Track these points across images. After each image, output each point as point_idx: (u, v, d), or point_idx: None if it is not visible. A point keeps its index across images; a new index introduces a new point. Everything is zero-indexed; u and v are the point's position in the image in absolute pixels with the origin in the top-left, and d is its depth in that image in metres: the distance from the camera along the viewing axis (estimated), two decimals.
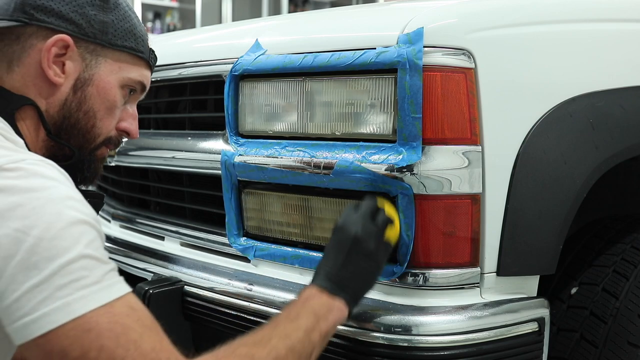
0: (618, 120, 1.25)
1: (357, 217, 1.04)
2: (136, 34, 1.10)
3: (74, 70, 1.03)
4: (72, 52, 1.02)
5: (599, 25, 1.31)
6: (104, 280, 0.83)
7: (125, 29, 1.08)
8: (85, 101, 1.05)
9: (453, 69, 1.06)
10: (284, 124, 1.24)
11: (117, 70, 1.07)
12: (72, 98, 1.04)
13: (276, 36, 1.34)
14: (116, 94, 1.08)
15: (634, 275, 1.28)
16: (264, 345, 0.88)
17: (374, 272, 1.04)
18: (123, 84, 1.09)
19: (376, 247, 1.03)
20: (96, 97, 1.06)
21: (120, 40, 1.07)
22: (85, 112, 1.05)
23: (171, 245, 1.52)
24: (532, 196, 1.12)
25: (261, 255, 1.29)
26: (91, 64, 1.05)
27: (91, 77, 1.05)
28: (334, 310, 0.98)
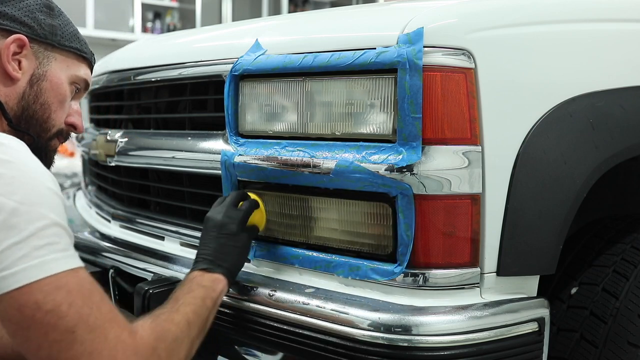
0: (618, 120, 1.25)
1: (221, 207, 1.24)
2: (79, 37, 1.27)
3: (29, 67, 1.17)
4: (27, 51, 1.16)
5: (599, 25, 1.31)
6: (70, 249, 0.96)
7: (70, 33, 1.24)
8: (40, 94, 1.18)
9: (453, 69, 1.06)
10: (284, 124, 1.24)
11: (65, 67, 1.23)
12: (29, 91, 1.17)
13: (276, 36, 1.34)
14: (66, 89, 1.23)
15: (634, 275, 1.28)
16: (176, 310, 1.07)
17: (241, 250, 1.22)
18: (71, 81, 1.24)
19: (239, 229, 1.21)
20: (50, 91, 1.20)
21: (67, 41, 1.23)
22: (42, 104, 1.19)
23: (171, 245, 1.52)
24: (532, 196, 1.12)
25: (261, 255, 1.29)
26: (44, 62, 1.19)
27: (44, 73, 1.19)
28: (217, 282, 1.16)
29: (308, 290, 1.16)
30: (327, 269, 1.18)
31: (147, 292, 1.26)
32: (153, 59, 1.58)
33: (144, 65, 1.60)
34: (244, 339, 1.24)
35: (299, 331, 1.11)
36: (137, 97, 1.71)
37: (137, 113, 1.73)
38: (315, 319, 1.09)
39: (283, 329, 1.13)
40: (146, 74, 1.58)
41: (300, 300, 1.13)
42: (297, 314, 1.12)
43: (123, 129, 1.74)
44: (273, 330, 1.15)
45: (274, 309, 1.15)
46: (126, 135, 1.65)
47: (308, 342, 1.10)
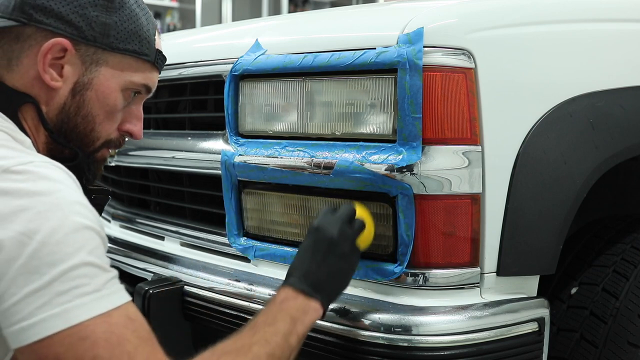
0: (618, 120, 1.25)
1: (334, 220, 1.05)
2: (141, 35, 1.05)
3: (72, 74, 1.00)
4: (71, 56, 0.99)
5: (599, 25, 1.31)
6: (104, 288, 0.83)
7: (129, 31, 1.03)
8: (83, 105, 1.02)
9: (453, 69, 1.06)
10: (284, 124, 1.24)
11: (118, 73, 1.04)
12: (71, 102, 1.02)
13: (276, 36, 1.34)
14: (117, 98, 1.05)
15: (634, 275, 1.28)
16: (245, 354, 0.90)
17: (347, 274, 1.06)
18: (125, 88, 1.05)
19: (350, 251, 1.05)
20: (95, 102, 1.03)
21: (123, 43, 1.03)
22: (84, 116, 1.03)
23: (171, 245, 1.52)
24: (532, 196, 1.12)
25: (261, 255, 1.29)
26: (91, 67, 1.01)
27: (90, 82, 1.02)
28: (310, 312, 0.99)
29: None
30: None
31: (147, 292, 1.26)
32: None
33: None
34: None
35: None
36: None
37: None
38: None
39: None
40: None
41: None
42: None
43: None
44: None
45: None
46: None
47: (308, 342, 1.09)
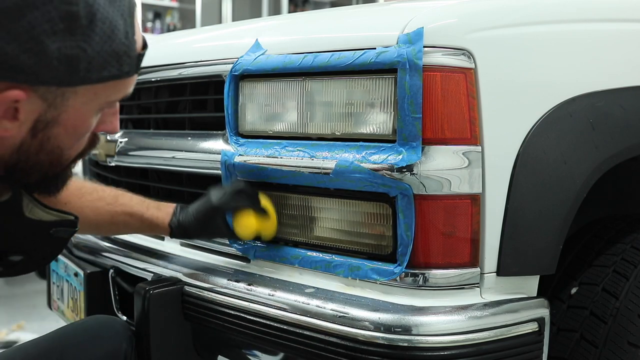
0: (618, 120, 1.25)
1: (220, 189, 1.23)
2: (120, 51, 0.82)
3: (30, 114, 0.81)
4: (27, 99, 0.79)
5: (599, 25, 1.31)
6: None
7: (104, 55, 0.80)
8: (47, 143, 0.85)
9: (453, 69, 1.06)
10: (284, 124, 1.24)
11: (92, 98, 0.84)
12: (30, 142, 0.84)
13: (276, 36, 1.34)
14: (91, 123, 0.89)
15: (634, 275, 1.28)
16: None
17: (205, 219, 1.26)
18: (101, 108, 0.88)
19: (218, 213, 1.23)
20: (63, 136, 0.86)
21: (97, 72, 0.80)
22: (49, 152, 0.87)
23: (171, 245, 1.52)
24: (532, 196, 1.12)
25: (261, 255, 1.29)
26: (56, 102, 0.81)
27: (56, 118, 0.83)
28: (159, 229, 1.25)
29: (308, 290, 1.16)
30: (327, 269, 1.18)
31: (147, 292, 1.26)
32: (153, 59, 1.58)
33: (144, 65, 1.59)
34: (244, 339, 1.24)
35: (299, 331, 1.11)
36: (137, 97, 1.71)
37: (137, 113, 1.73)
38: (315, 319, 1.09)
39: (283, 329, 1.13)
40: (146, 74, 1.58)
41: (300, 300, 1.13)
42: (297, 314, 1.12)
43: (123, 129, 1.74)
44: (273, 330, 1.14)
45: (274, 309, 1.15)
46: (126, 135, 1.65)
47: (308, 342, 1.10)
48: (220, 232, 1.30)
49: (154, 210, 1.31)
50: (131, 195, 1.33)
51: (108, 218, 1.29)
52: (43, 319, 3.13)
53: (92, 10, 0.78)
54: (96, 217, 1.27)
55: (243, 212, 1.24)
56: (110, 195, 1.31)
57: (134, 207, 1.30)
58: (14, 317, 3.29)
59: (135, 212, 1.30)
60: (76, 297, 1.59)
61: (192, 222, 1.28)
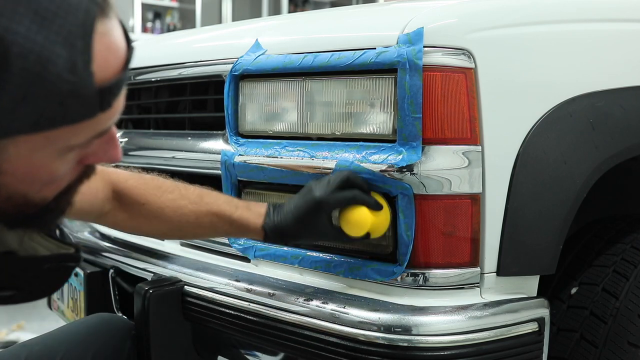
0: (618, 120, 1.25)
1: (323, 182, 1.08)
2: (61, 92, 0.62)
3: None
4: None
5: (599, 25, 1.31)
6: None
7: (33, 98, 0.61)
8: (0, 190, 0.69)
9: (453, 69, 1.06)
10: (284, 124, 1.24)
11: (43, 144, 0.66)
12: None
13: (276, 36, 1.34)
14: (56, 168, 0.71)
15: (634, 275, 1.28)
16: None
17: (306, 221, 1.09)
18: (64, 152, 0.69)
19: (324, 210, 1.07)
20: (17, 184, 0.69)
21: (28, 122, 0.63)
22: (7, 198, 0.71)
23: (171, 245, 1.52)
24: (532, 196, 1.12)
25: (261, 255, 1.29)
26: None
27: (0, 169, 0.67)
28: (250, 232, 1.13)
29: (308, 290, 1.16)
30: (327, 269, 1.18)
31: (147, 292, 1.26)
32: (153, 59, 1.58)
33: (143, 65, 1.60)
34: (244, 339, 1.24)
35: (299, 331, 1.11)
36: (137, 97, 1.71)
37: (137, 113, 1.73)
38: (315, 319, 1.09)
39: (283, 329, 1.13)
40: (146, 74, 1.58)
41: (300, 300, 1.13)
42: (297, 314, 1.12)
43: (123, 129, 1.74)
44: (273, 330, 1.14)
45: (274, 309, 1.15)
46: (126, 135, 1.65)
47: (308, 342, 1.10)
48: (325, 232, 1.11)
49: (243, 211, 1.14)
50: (217, 194, 1.19)
51: (193, 219, 1.14)
52: (43, 319, 3.13)
53: (3, 44, 0.58)
54: (179, 218, 1.14)
55: (351, 206, 1.07)
56: (194, 194, 1.17)
57: (221, 207, 1.15)
58: (14, 317, 3.29)
59: (222, 212, 1.14)
60: (76, 297, 1.59)
61: (290, 223, 1.11)
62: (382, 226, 1.08)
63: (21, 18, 0.58)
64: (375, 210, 1.06)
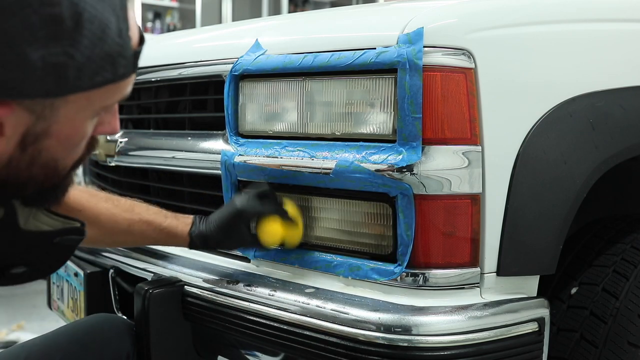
0: (618, 120, 1.24)
1: (245, 194, 1.20)
2: (113, 53, 0.73)
3: (17, 128, 0.72)
4: (11, 113, 0.70)
5: (599, 25, 1.31)
6: None
7: (96, 58, 0.71)
8: (39, 156, 0.77)
9: (453, 69, 1.06)
10: (284, 124, 1.24)
11: (85, 105, 0.75)
12: (20, 156, 0.75)
13: (276, 36, 1.34)
14: (86, 130, 0.80)
15: (634, 275, 1.28)
16: None
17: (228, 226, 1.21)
18: (97, 113, 0.80)
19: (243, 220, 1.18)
20: (56, 147, 0.77)
21: (89, 78, 0.72)
22: (43, 165, 0.78)
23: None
24: (532, 196, 1.12)
25: (261, 255, 1.29)
26: (44, 113, 0.72)
27: (47, 130, 0.74)
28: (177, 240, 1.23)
29: (308, 290, 1.16)
30: (327, 269, 1.18)
31: (147, 292, 1.26)
32: (153, 59, 1.58)
33: (144, 65, 1.59)
34: (244, 339, 1.24)
35: (299, 331, 1.11)
36: (137, 97, 1.71)
37: (137, 113, 1.73)
38: (315, 319, 1.09)
39: (283, 329, 1.13)
40: (146, 74, 1.58)
41: (300, 300, 1.13)
42: (297, 314, 1.12)
43: (123, 129, 1.74)
44: (273, 330, 1.14)
45: (274, 309, 1.15)
46: (126, 135, 1.65)
47: (308, 342, 1.10)
48: (243, 240, 1.23)
49: (172, 220, 1.26)
50: (147, 205, 1.29)
51: (125, 226, 1.23)
52: (43, 319, 3.13)
53: (78, 9, 0.68)
54: (112, 225, 1.22)
55: (268, 218, 1.18)
56: (126, 204, 1.26)
57: (151, 216, 1.25)
58: (14, 317, 3.29)
59: (152, 220, 1.24)
60: (76, 297, 1.60)
61: (213, 230, 1.22)
62: (295, 237, 1.20)
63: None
64: (287, 222, 1.18)
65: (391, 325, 1.03)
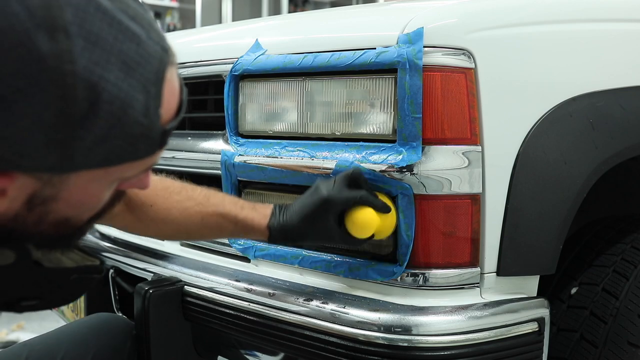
0: (618, 120, 1.25)
1: (330, 181, 1.08)
2: (134, 134, 0.66)
3: (22, 191, 0.67)
4: (12, 183, 0.66)
5: (599, 25, 1.31)
6: None
7: (112, 138, 0.65)
8: (48, 216, 0.72)
9: (453, 69, 1.06)
10: (284, 124, 1.24)
11: (102, 176, 0.70)
12: (27, 214, 0.70)
13: (276, 36, 1.34)
14: (103, 197, 0.75)
15: (634, 275, 1.28)
16: None
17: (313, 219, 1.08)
18: (115, 182, 0.74)
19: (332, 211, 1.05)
20: (68, 209, 0.73)
21: (100, 158, 0.66)
22: (52, 223, 0.73)
23: (171, 245, 1.52)
24: (532, 196, 1.12)
25: (261, 255, 1.29)
26: (52, 181, 0.67)
27: (55, 196, 0.69)
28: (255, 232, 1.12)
29: (308, 290, 1.16)
30: (327, 269, 1.18)
31: (147, 292, 1.26)
32: None
33: None
34: (244, 339, 1.24)
35: (299, 331, 1.11)
36: None
37: None
38: (315, 319, 1.09)
39: (283, 329, 1.13)
40: None
41: (300, 300, 1.13)
42: (297, 314, 1.12)
43: None
44: (273, 330, 1.15)
45: (274, 309, 1.15)
46: None
47: (308, 342, 1.10)
48: (330, 233, 1.08)
49: (249, 211, 1.14)
50: (224, 195, 1.20)
51: (198, 220, 1.15)
52: (43, 319, 3.13)
53: (96, 90, 0.62)
54: (185, 220, 1.15)
55: (358, 207, 1.05)
56: (200, 195, 1.17)
57: (227, 207, 1.14)
58: (14, 317, 3.29)
59: (228, 212, 1.14)
60: None
61: (296, 222, 1.09)
62: (387, 228, 1.07)
63: (112, 67, 0.62)
64: (381, 213, 1.05)
65: (391, 325, 1.03)
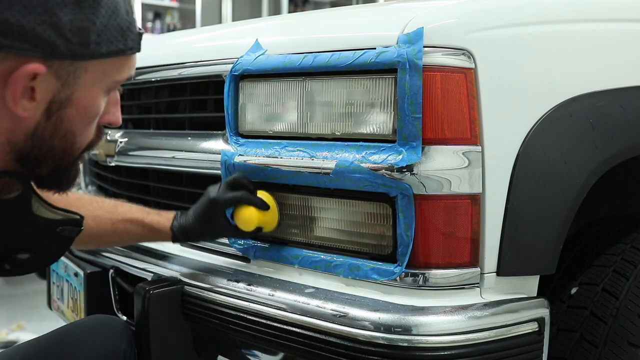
0: (618, 120, 1.24)
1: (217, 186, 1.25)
2: (123, 26, 0.88)
3: (46, 94, 0.85)
4: (43, 76, 0.83)
5: (599, 25, 1.31)
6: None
7: (112, 28, 0.87)
8: (61, 126, 0.89)
9: (453, 69, 1.06)
10: (284, 124, 1.24)
11: (100, 77, 0.89)
12: (45, 125, 0.87)
13: (276, 36, 1.34)
14: (100, 105, 0.92)
15: (634, 275, 1.28)
16: None
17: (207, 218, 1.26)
18: (109, 89, 0.93)
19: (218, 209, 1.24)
20: (75, 117, 0.89)
21: (106, 46, 0.86)
22: (62, 136, 0.90)
23: (171, 245, 1.52)
24: (532, 196, 1.12)
25: (261, 255, 1.29)
26: (68, 80, 0.86)
27: (69, 98, 0.87)
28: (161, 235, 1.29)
29: (308, 290, 1.16)
30: (327, 269, 1.18)
31: (147, 292, 1.26)
32: (153, 59, 1.58)
33: (144, 65, 1.59)
34: (244, 339, 1.24)
35: (299, 331, 1.11)
36: (137, 97, 1.71)
37: (137, 113, 1.73)
38: (315, 319, 1.09)
39: (283, 329, 1.13)
40: (146, 74, 1.58)
41: (300, 300, 1.13)
42: (297, 314, 1.12)
43: (123, 129, 1.74)
44: (273, 330, 1.15)
45: (274, 309, 1.15)
46: (126, 135, 1.65)
47: (308, 342, 1.10)
48: (221, 229, 1.28)
49: (154, 216, 1.31)
50: (130, 204, 1.35)
51: (109, 227, 1.29)
52: (43, 319, 3.13)
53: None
54: (97, 227, 1.28)
55: (242, 206, 1.23)
56: (109, 205, 1.32)
57: (134, 214, 1.31)
58: (14, 317, 3.29)
59: (135, 218, 1.30)
60: (76, 297, 1.60)
61: (193, 223, 1.27)
62: (270, 222, 1.24)
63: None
64: (261, 210, 1.22)
65: (391, 325, 1.03)
